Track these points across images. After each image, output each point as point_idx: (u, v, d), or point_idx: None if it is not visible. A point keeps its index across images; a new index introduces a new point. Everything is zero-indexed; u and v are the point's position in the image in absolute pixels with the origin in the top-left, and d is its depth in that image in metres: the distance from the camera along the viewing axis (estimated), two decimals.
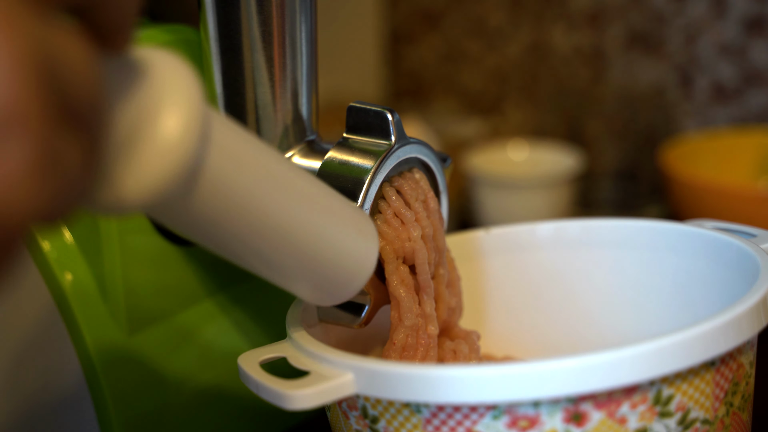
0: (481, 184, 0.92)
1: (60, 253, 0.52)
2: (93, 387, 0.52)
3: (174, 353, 0.55)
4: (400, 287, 0.47)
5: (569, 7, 1.10)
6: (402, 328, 0.47)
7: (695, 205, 0.84)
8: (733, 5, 1.01)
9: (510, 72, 1.15)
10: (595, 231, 0.56)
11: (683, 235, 0.52)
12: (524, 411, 0.40)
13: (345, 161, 0.47)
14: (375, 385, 0.40)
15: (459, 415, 0.40)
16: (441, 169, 0.50)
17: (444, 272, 0.50)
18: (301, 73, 0.50)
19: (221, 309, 0.57)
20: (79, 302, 0.51)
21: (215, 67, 0.49)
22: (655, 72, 1.06)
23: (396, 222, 0.47)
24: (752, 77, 1.01)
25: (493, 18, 1.15)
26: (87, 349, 0.51)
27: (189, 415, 0.55)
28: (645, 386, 0.40)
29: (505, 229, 0.57)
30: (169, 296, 0.55)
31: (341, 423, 0.44)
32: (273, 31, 0.48)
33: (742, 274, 0.47)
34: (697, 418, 0.41)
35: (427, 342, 0.48)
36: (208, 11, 0.48)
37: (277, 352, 0.44)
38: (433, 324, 0.48)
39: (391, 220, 0.47)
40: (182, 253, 0.55)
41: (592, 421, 0.40)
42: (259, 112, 0.49)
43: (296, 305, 0.49)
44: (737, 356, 0.42)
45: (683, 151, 0.91)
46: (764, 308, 0.42)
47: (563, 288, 0.57)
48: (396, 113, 0.47)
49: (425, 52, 1.21)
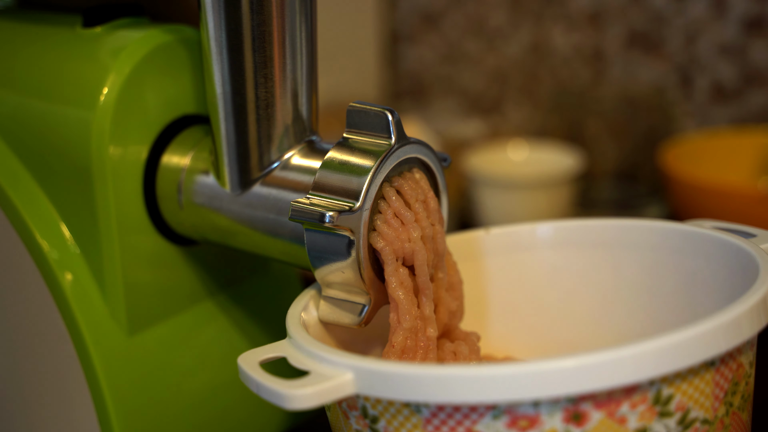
0: (481, 184, 0.92)
1: (60, 253, 0.52)
2: (93, 387, 0.52)
3: (174, 353, 0.55)
4: (399, 289, 0.47)
5: (569, 7, 1.10)
6: (401, 331, 0.47)
7: (695, 205, 0.84)
8: (733, 5, 1.01)
9: (510, 72, 1.15)
10: (595, 231, 0.56)
11: (683, 235, 0.52)
12: (524, 411, 0.40)
13: (345, 161, 0.47)
14: (375, 384, 0.40)
15: (459, 415, 0.40)
16: (441, 169, 0.50)
17: (443, 276, 0.50)
18: (301, 73, 0.50)
19: (221, 309, 0.57)
20: (79, 302, 0.52)
21: (215, 67, 0.49)
22: (655, 72, 1.06)
23: (396, 222, 0.47)
24: (752, 77, 1.01)
25: (493, 18, 1.15)
26: (87, 349, 0.51)
27: (189, 414, 0.55)
28: (645, 386, 0.40)
29: (505, 229, 0.57)
30: (169, 296, 0.55)
31: (341, 423, 0.44)
32: (273, 31, 0.48)
33: (742, 274, 0.47)
34: (697, 417, 0.41)
35: (426, 344, 0.48)
36: (208, 11, 0.48)
37: (276, 352, 0.44)
38: (432, 326, 0.48)
39: (390, 220, 0.47)
40: (182, 253, 0.55)
41: (592, 421, 0.40)
42: (259, 112, 0.49)
43: (296, 305, 0.49)
44: (737, 356, 0.42)
45: (683, 151, 0.91)
46: (764, 308, 0.42)
47: (563, 288, 0.57)
48: (396, 113, 0.47)
49: (425, 52, 1.21)
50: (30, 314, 0.54)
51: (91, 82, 0.51)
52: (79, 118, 0.51)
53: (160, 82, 0.52)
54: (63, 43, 0.53)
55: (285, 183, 0.49)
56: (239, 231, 0.51)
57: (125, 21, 0.54)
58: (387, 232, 0.47)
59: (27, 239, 0.52)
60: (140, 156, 0.52)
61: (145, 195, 0.53)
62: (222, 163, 0.51)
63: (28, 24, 0.57)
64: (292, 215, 0.46)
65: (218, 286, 0.57)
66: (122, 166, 0.51)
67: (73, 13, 0.55)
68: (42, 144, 0.53)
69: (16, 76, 0.54)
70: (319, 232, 0.46)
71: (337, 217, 0.45)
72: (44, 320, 0.53)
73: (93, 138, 0.51)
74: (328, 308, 0.48)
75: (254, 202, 0.50)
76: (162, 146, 0.53)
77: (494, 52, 1.16)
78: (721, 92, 1.03)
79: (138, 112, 0.52)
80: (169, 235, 0.54)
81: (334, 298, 0.48)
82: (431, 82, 1.21)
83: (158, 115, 0.53)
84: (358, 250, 0.46)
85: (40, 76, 0.53)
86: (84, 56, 0.52)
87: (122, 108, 0.51)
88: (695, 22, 1.03)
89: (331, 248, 0.46)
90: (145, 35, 0.52)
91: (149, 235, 0.53)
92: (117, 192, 0.51)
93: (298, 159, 0.50)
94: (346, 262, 0.46)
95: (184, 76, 0.54)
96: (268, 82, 0.49)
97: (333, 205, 0.46)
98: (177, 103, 0.53)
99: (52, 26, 0.55)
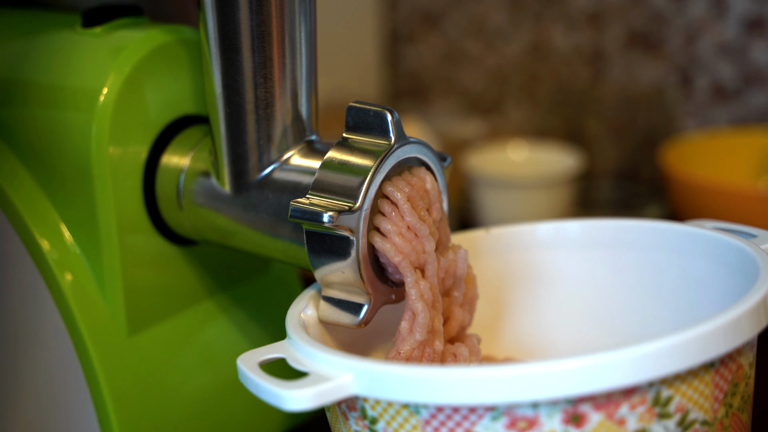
0: (481, 184, 0.92)
1: (60, 253, 0.52)
2: (93, 387, 0.52)
3: (174, 353, 0.55)
4: (418, 301, 0.47)
5: (569, 7, 1.10)
6: (410, 341, 0.47)
7: (695, 205, 0.84)
8: (733, 5, 1.01)
9: (510, 72, 1.15)
10: (595, 231, 0.56)
11: (683, 235, 0.52)
12: (523, 412, 0.40)
13: (345, 161, 0.47)
14: (374, 385, 0.40)
15: (458, 416, 0.40)
16: (441, 169, 0.50)
17: (459, 295, 0.50)
18: (300, 73, 0.50)
19: (221, 309, 0.58)
20: (79, 302, 0.52)
21: (215, 67, 0.49)
22: (655, 72, 1.06)
23: (410, 235, 0.47)
24: (752, 77, 1.01)
25: (493, 18, 1.15)
26: (87, 349, 0.51)
27: (189, 415, 0.55)
28: (644, 387, 0.40)
29: (505, 229, 0.57)
30: (169, 296, 0.55)
31: (340, 424, 0.44)
32: (272, 31, 0.48)
33: (742, 274, 0.47)
34: (697, 419, 0.41)
35: (431, 357, 0.48)
36: (208, 11, 0.48)
37: (276, 353, 0.44)
38: (439, 339, 0.48)
39: (405, 233, 0.47)
40: (182, 253, 0.55)
41: (591, 423, 0.40)
42: (258, 112, 0.49)
43: (296, 305, 0.49)
44: (737, 357, 0.42)
45: (683, 151, 0.91)
46: (764, 309, 0.42)
47: (563, 288, 0.57)
48: (396, 113, 0.47)
49: (425, 52, 1.21)
50: (30, 314, 0.54)
51: (90, 82, 0.51)
52: (78, 119, 0.51)
53: (160, 83, 0.53)
54: (63, 43, 0.53)
55: (285, 183, 0.49)
56: (239, 231, 0.51)
57: (125, 21, 0.54)
58: (403, 246, 0.47)
59: (27, 239, 0.52)
60: (140, 156, 0.52)
61: (145, 195, 0.53)
62: (221, 163, 0.51)
63: (28, 24, 0.57)
64: (292, 215, 0.46)
65: (218, 286, 0.57)
66: (122, 166, 0.51)
67: (73, 13, 0.55)
68: (42, 144, 0.53)
69: (15, 76, 0.54)
70: (319, 232, 0.46)
71: (337, 217, 0.45)
72: (44, 320, 0.53)
73: (93, 138, 0.51)
74: (328, 308, 0.48)
75: (254, 203, 0.50)
76: (162, 146, 0.53)
77: (494, 52, 1.16)
78: (721, 92, 1.03)
79: (138, 113, 0.52)
80: (169, 236, 0.54)
81: (333, 298, 0.48)
82: (431, 82, 1.21)
83: (158, 115, 0.53)
84: (358, 250, 0.46)
85: (39, 76, 0.53)
86: (84, 56, 0.52)
87: (122, 108, 0.51)
88: (695, 22, 1.03)
89: (331, 248, 0.46)
90: (144, 35, 0.52)
91: (149, 236, 0.53)
92: (117, 192, 0.51)
93: (298, 159, 0.50)
94: (346, 262, 0.46)
95: (184, 76, 0.54)
96: (267, 82, 0.49)
97: (333, 205, 0.46)
98: (177, 103, 0.53)
99: (52, 26, 0.55)
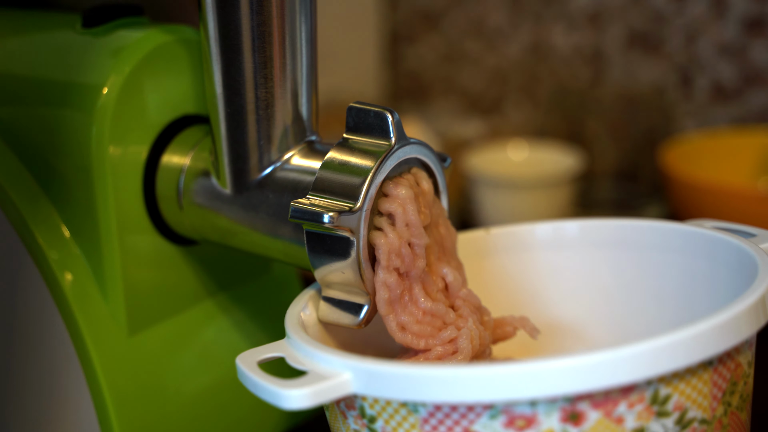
0: (481, 184, 0.93)
1: (60, 253, 0.52)
2: (93, 387, 0.52)
3: (174, 353, 0.55)
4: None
5: (569, 7, 1.10)
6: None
7: (695, 205, 0.84)
8: (733, 5, 1.01)
9: (510, 72, 1.16)
10: (595, 231, 0.56)
11: (683, 235, 0.52)
12: (521, 410, 0.40)
13: (345, 161, 0.47)
14: (372, 384, 0.41)
15: (456, 415, 0.40)
16: (441, 169, 0.50)
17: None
18: (300, 73, 0.50)
19: (221, 309, 0.58)
20: (79, 302, 0.52)
21: (215, 67, 0.49)
22: (655, 72, 1.06)
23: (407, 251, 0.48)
24: (752, 77, 1.01)
25: (493, 18, 1.15)
26: (87, 349, 0.51)
27: (189, 415, 0.55)
28: (642, 386, 0.40)
29: (505, 229, 0.57)
30: (169, 296, 0.55)
31: (339, 423, 0.44)
32: (273, 32, 0.48)
33: (741, 273, 0.47)
34: (695, 417, 0.41)
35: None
36: (208, 11, 0.48)
37: (275, 352, 0.44)
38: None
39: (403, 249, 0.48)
40: (182, 253, 0.55)
41: (589, 421, 0.40)
42: (259, 113, 0.49)
43: (295, 305, 0.49)
44: (735, 356, 0.42)
45: (683, 151, 0.92)
46: (763, 307, 0.42)
47: (563, 288, 0.57)
48: (396, 113, 0.47)
49: (425, 52, 1.21)
50: (30, 314, 0.54)
51: (90, 82, 0.51)
52: (79, 119, 0.51)
53: (160, 83, 0.53)
54: (63, 43, 0.54)
55: (285, 183, 0.49)
56: (239, 231, 0.51)
57: (125, 21, 0.54)
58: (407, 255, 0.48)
59: (27, 239, 0.52)
60: (140, 156, 0.52)
61: (145, 195, 0.53)
62: (222, 163, 0.51)
63: (28, 24, 0.57)
64: (292, 215, 0.46)
65: (218, 286, 0.57)
66: (122, 166, 0.51)
67: (73, 13, 0.56)
68: (42, 144, 0.53)
69: (15, 76, 0.54)
70: (319, 233, 0.46)
71: (337, 218, 0.45)
72: (44, 320, 0.53)
73: (93, 138, 0.51)
74: (328, 308, 0.48)
75: (254, 203, 0.50)
76: (162, 146, 0.53)
77: (494, 52, 1.16)
78: (721, 92, 1.03)
79: (138, 113, 0.52)
80: (169, 235, 0.54)
81: (333, 298, 0.48)
82: (431, 82, 1.21)
83: (158, 115, 0.53)
84: (358, 251, 0.46)
85: (39, 76, 0.53)
86: (84, 56, 0.52)
87: (122, 108, 0.51)
88: (695, 22, 1.03)
89: (331, 248, 0.46)
90: (144, 35, 0.52)
91: (149, 235, 0.53)
92: (117, 192, 0.51)
93: (298, 159, 0.50)
94: (346, 262, 0.46)
95: (184, 76, 0.54)
96: (268, 83, 0.49)
97: (333, 206, 0.46)
98: (177, 103, 0.54)
99: (52, 26, 0.55)
